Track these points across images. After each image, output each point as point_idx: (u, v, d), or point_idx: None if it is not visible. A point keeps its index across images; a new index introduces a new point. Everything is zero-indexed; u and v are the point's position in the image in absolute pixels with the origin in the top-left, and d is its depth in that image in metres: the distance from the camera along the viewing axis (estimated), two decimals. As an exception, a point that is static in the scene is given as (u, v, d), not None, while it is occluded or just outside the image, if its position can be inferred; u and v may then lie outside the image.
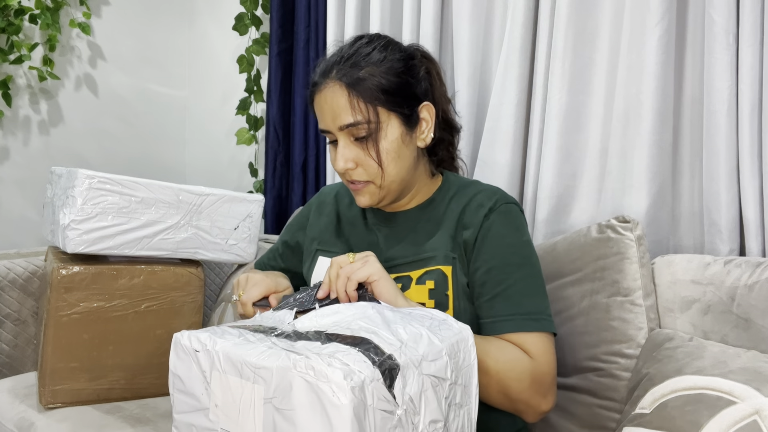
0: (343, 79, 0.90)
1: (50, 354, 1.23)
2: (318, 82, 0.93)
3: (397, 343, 0.64)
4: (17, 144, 1.89)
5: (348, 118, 0.89)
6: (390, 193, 0.95)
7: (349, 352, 0.60)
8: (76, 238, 1.21)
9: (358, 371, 0.57)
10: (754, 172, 1.06)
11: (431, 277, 0.92)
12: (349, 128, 0.90)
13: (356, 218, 1.06)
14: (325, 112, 0.92)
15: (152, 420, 1.22)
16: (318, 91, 0.93)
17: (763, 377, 0.75)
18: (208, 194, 1.38)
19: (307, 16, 1.82)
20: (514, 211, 0.94)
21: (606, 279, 1.04)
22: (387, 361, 0.61)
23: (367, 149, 0.90)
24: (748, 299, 0.91)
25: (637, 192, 1.18)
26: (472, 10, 1.42)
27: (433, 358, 0.65)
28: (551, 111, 1.27)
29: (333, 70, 0.91)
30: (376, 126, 0.89)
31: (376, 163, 0.90)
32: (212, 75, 2.26)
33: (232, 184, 2.19)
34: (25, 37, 1.84)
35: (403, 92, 0.92)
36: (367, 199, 0.94)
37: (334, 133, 0.92)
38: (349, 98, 0.89)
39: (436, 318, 0.74)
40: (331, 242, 1.06)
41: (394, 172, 0.92)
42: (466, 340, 0.72)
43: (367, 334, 0.65)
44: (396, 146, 0.91)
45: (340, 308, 0.75)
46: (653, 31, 1.14)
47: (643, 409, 0.82)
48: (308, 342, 0.64)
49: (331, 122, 0.91)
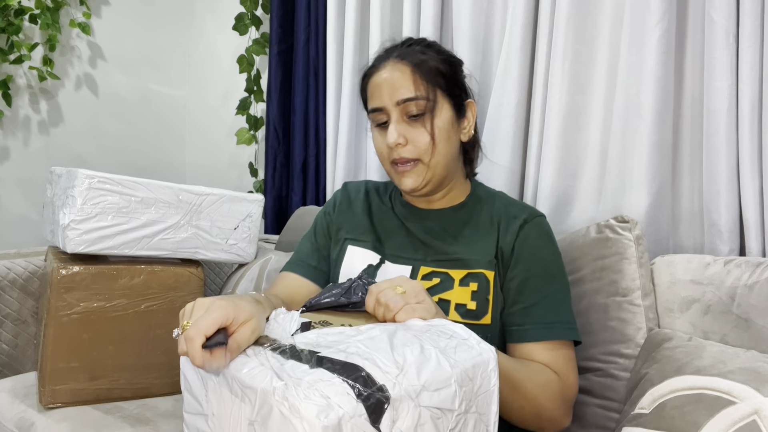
0: (407, 58, 0.95)
1: (50, 354, 1.23)
2: (376, 64, 0.98)
3: (393, 372, 0.59)
4: (17, 144, 1.89)
5: (408, 92, 0.92)
6: (435, 176, 0.96)
7: (332, 381, 0.55)
8: (76, 238, 1.21)
9: (337, 406, 0.53)
10: (754, 172, 1.06)
11: (474, 280, 0.94)
12: (407, 103, 0.92)
13: (387, 213, 1.07)
14: (382, 89, 0.94)
15: (152, 420, 1.22)
16: (376, 71, 0.97)
17: (762, 377, 0.75)
18: (208, 194, 1.38)
19: (307, 16, 1.82)
20: (546, 224, 0.99)
21: (605, 279, 1.04)
22: (375, 394, 0.55)
23: (423, 125, 0.93)
24: (748, 299, 0.91)
25: (637, 192, 1.18)
26: (472, 10, 1.42)
27: (437, 387, 0.60)
28: (551, 111, 1.27)
29: (394, 52, 0.97)
30: (433, 104, 0.93)
31: (429, 137, 0.93)
32: (212, 75, 2.26)
33: (232, 184, 2.19)
34: (25, 37, 1.84)
35: (457, 81, 0.98)
36: (413, 180, 0.95)
37: (389, 110, 0.94)
38: (412, 74, 0.93)
39: (457, 336, 0.68)
40: (360, 231, 1.06)
41: (443, 151, 0.95)
42: (487, 363, 0.66)
43: (362, 361, 0.59)
44: (447, 127, 0.95)
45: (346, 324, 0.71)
46: (653, 31, 1.14)
47: (643, 409, 0.82)
48: (297, 364, 0.59)
49: (388, 98, 0.93)
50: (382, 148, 0.97)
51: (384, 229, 1.05)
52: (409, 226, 1.02)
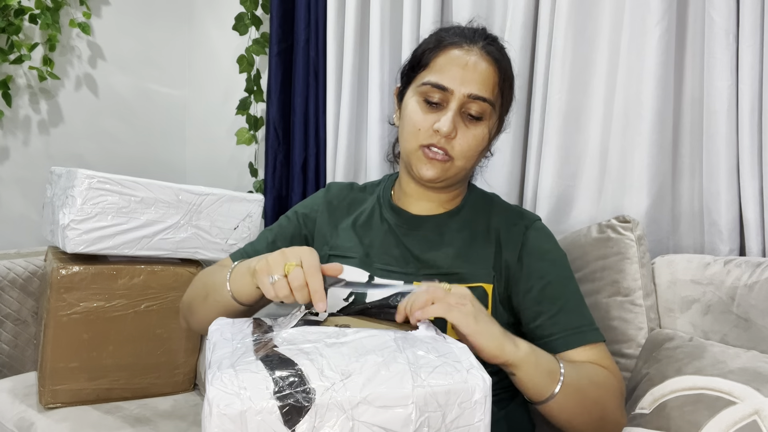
0: (493, 55, 0.89)
1: (50, 354, 1.23)
2: (459, 41, 0.89)
3: (335, 377, 0.55)
4: (17, 144, 1.89)
5: (485, 91, 0.87)
6: (455, 178, 0.92)
7: (258, 374, 0.54)
8: (76, 238, 1.21)
9: (247, 398, 0.52)
10: (754, 172, 1.06)
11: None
12: (476, 101, 0.87)
13: (375, 220, 0.99)
14: (460, 71, 0.86)
15: (152, 420, 1.22)
16: (458, 48, 0.88)
17: (762, 377, 0.75)
18: (208, 194, 1.38)
19: (307, 16, 1.81)
20: (545, 226, 0.97)
21: (606, 279, 1.04)
22: (297, 395, 0.53)
23: (473, 128, 0.88)
24: (748, 299, 0.91)
25: (637, 192, 1.18)
26: (472, 10, 1.42)
27: (385, 404, 0.54)
28: (551, 111, 1.27)
29: (481, 41, 0.89)
30: (492, 114, 0.90)
31: (474, 143, 0.88)
32: (212, 75, 2.26)
33: (232, 183, 2.19)
34: (25, 37, 1.84)
35: (510, 99, 0.94)
36: (437, 173, 0.89)
37: (454, 95, 0.87)
38: (494, 75, 0.88)
39: (450, 357, 0.61)
40: (346, 246, 0.97)
41: (474, 161, 0.92)
42: (470, 392, 0.57)
43: (305, 360, 0.57)
44: (487, 140, 0.91)
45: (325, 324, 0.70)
46: (653, 31, 1.14)
47: (643, 409, 0.82)
48: (252, 355, 0.59)
49: (461, 83, 0.86)
50: (423, 125, 0.88)
51: (372, 241, 0.97)
52: (401, 235, 0.95)
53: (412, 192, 0.97)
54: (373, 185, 1.07)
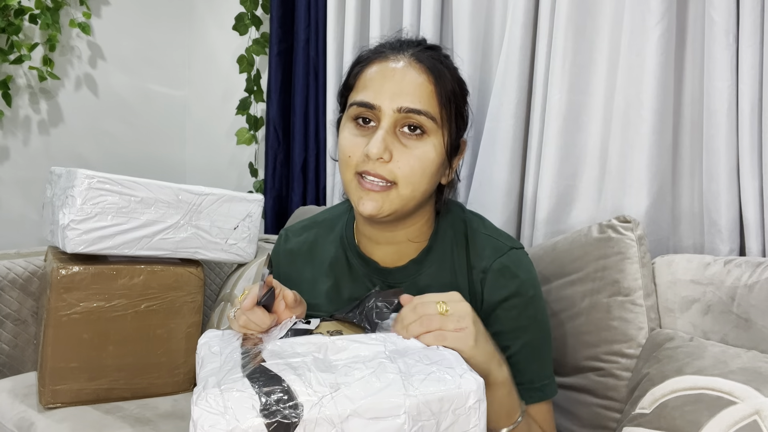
0: (426, 63, 0.78)
1: (50, 354, 1.23)
2: (385, 52, 0.80)
3: (323, 391, 0.54)
4: (17, 144, 1.89)
5: (417, 103, 0.76)
6: (401, 209, 0.79)
7: (244, 392, 0.53)
8: (76, 238, 1.21)
9: (233, 418, 0.51)
10: (754, 172, 1.06)
11: None
12: (410, 114, 0.76)
13: (343, 272, 0.90)
14: (385, 84, 0.77)
15: (152, 420, 1.22)
16: (382, 59, 0.79)
17: (763, 377, 0.75)
18: (208, 194, 1.38)
19: (307, 16, 1.82)
20: (513, 262, 0.84)
21: (607, 279, 1.04)
22: (284, 411, 0.52)
23: (415, 147, 0.77)
24: (748, 299, 0.91)
25: (637, 192, 1.18)
26: (472, 10, 1.42)
27: (377, 415, 0.53)
28: (551, 111, 1.27)
29: (410, 49, 0.80)
30: (436, 128, 0.78)
31: (417, 163, 0.77)
32: (212, 75, 2.26)
33: (232, 184, 2.19)
34: (25, 37, 1.84)
35: (461, 112, 0.82)
36: (376, 206, 0.77)
37: (382, 112, 0.76)
38: (428, 84, 0.77)
39: (442, 364, 0.60)
40: (314, 305, 0.88)
41: (424, 186, 0.79)
42: (464, 398, 0.56)
43: (293, 375, 0.55)
44: (438, 161, 0.79)
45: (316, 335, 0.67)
46: (653, 31, 1.14)
47: (643, 409, 0.82)
48: (239, 372, 0.57)
49: (389, 98, 0.76)
50: (352, 151, 0.78)
51: (344, 298, 0.88)
52: (370, 284, 0.88)
53: (369, 234, 0.87)
54: (333, 218, 0.97)
